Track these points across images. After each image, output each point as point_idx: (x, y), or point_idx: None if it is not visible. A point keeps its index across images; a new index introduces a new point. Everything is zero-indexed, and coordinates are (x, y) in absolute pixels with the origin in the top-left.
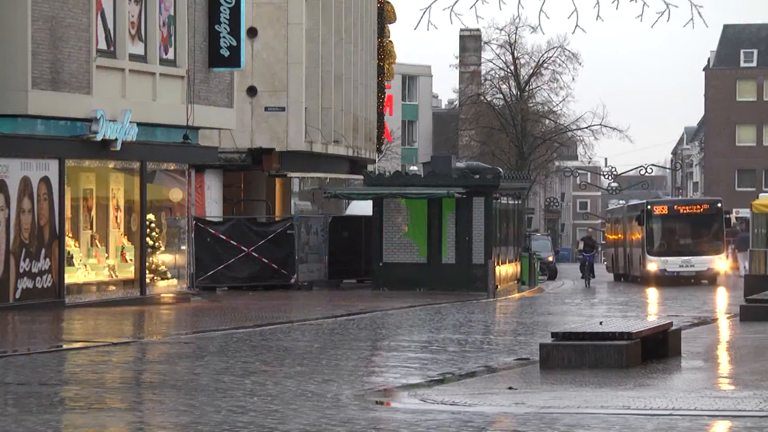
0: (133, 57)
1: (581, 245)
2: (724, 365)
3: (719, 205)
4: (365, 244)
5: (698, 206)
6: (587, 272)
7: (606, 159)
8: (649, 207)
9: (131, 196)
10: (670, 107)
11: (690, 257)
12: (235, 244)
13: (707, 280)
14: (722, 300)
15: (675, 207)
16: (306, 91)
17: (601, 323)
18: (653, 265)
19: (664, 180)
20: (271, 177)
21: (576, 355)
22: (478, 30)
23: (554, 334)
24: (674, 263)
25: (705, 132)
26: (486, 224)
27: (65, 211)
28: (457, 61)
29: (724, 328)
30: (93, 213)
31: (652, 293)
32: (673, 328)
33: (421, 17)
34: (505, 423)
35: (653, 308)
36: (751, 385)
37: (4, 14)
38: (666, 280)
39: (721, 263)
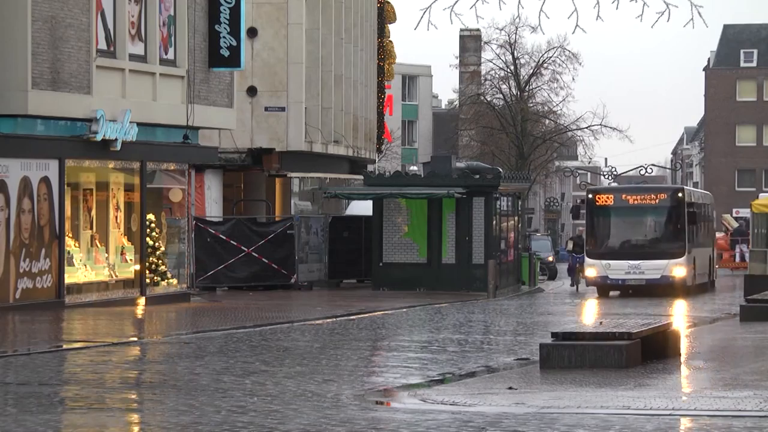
0: (133, 57)
1: (570, 245)
2: (724, 365)
3: (680, 194)
4: (365, 244)
5: (653, 196)
6: (576, 274)
7: (606, 159)
8: (590, 196)
9: (131, 196)
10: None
11: (639, 261)
12: (235, 244)
13: (661, 292)
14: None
15: (623, 196)
16: (306, 91)
17: (601, 323)
18: (592, 270)
19: (664, 180)
20: (271, 177)
21: (576, 355)
22: (478, 30)
23: (554, 334)
24: (619, 269)
25: (705, 132)
26: (486, 224)
27: (65, 211)
28: (457, 61)
29: (724, 328)
30: (93, 213)
31: (557, 311)
32: (673, 328)
33: (421, 17)
34: (505, 423)
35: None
36: (751, 385)
37: (4, 14)
38: (607, 291)
39: (679, 270)
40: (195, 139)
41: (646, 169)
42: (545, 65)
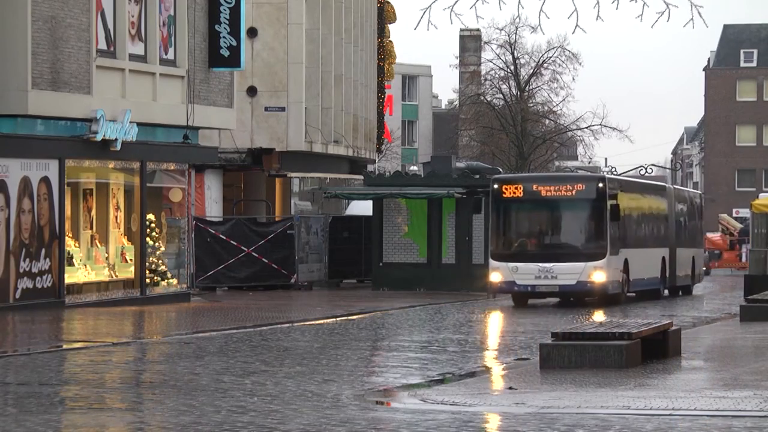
0: (133, 57)
1: None
2: (724, 365)
3: (601, 185)
4: (365, 244)
5: (569, 186)
6: None
7: (606, 159)
8: (495, 186)
9: (131, 196)
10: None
11: (552, 264)
12: (235, 244)
13: (574, 299)
14: None
15: (534, 186)
16: (306, 91)
17: (601, 323)
18: (497, 274)
19: (664, 180)
20: (271, 177)
21: (576, 355)
22: (478, 30)
23: (554, 334)
24: (527, 273)
25: (705, 132)
26: (486, 224)
27: (65, 211)
28: (457, 61)
29: (724, 328)
30: (93, 213)
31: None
32: (673, 328)
33: (421, 17)
34: (505, 423)
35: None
36: (751, 385)
37: (4, 14)
38: (524, 299)
39: (598, 275)
40: (195, 139)
41: (646, 169)
42: (545, 65)
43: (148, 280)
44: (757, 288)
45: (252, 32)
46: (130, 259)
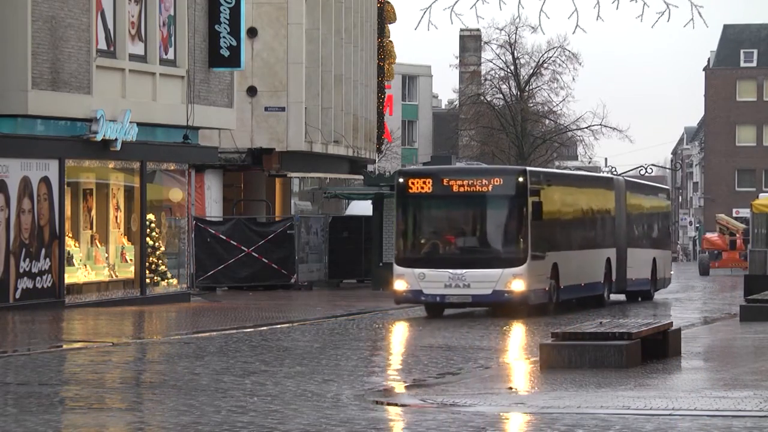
0: (133, 57)
1: None
2: (724, 365)
3: (521, 178)
4: (365, 244)
5: (484, 180)
6: None
7: (606, 159)
8: (401, 180)
9: (131, 196)
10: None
11: (464, 270)
12: (235, 244)
13: (492, 311)
14: None
15: (444, 181)
16: (306, 91)
17: (601, 323)
18: (401, 282)
19: (664, 180)
20: (271, 177)
21: (576, 355)
22: (478, 30)
23: (554, 334)
24: (436, 281)
25: (705, 132)
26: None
27: (65, 211)
28: (457, 61)
29: (724, 328)
30: (93, 213)
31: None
32: (673, 328)
33: (421, 17)
34: (506, 423)
35: None
36: (751, 385)
37: (4, 14)
38: (430, 309)
39: (517, 283)
40: (195, 139)
41: (646, 169)
42: (545, 65)
43: (148, 280)
44: (757, 288)
45: (252, 32)
46: (130, 259)
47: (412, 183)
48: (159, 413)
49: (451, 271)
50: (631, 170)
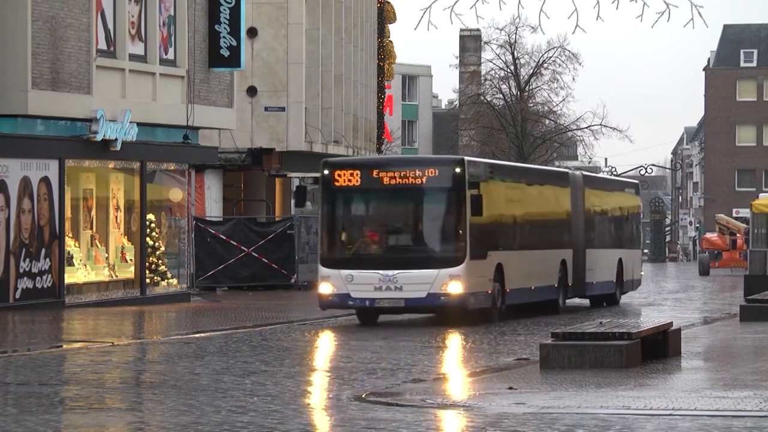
0: (133, 57)
1: None
2: (724, 365)
3: (458, 169)
4: None
5: (418, 172)
6: None
7: (606, 159)
8: (326, 172)
9: (131, 196)
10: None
11: (396, 272)
12: (235, 244)
13: (431, 315)
14: None
15: (374, 173)
16: (306, 91)
17: (601, 323)
18: (327, 285)
19: (664, 180)
20: (271, 177)
21: (576, 355)
22: (478, 30)
23: (554, 334)
24: (365, 283)
25: (705, 132)
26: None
27: (65, 211)
28: (457, 61)
29: (724, 328)
30: (93, 213)
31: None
32: (673, 328)
33: (421, 17)
34: (505, 423)
35: None
36: (751, 385)
37: (4, 14)
38: (363, 315)
39: (455, 285)
40: (195, 139)
41: (646, 169)
42: (545, 65)
43: (148, 280)
44: (757, 288)
45: (252, 32)
46: (130, 259)
47: (339, 175)
48: (159, 413)
49: (381, 272)
50: (631, 170)
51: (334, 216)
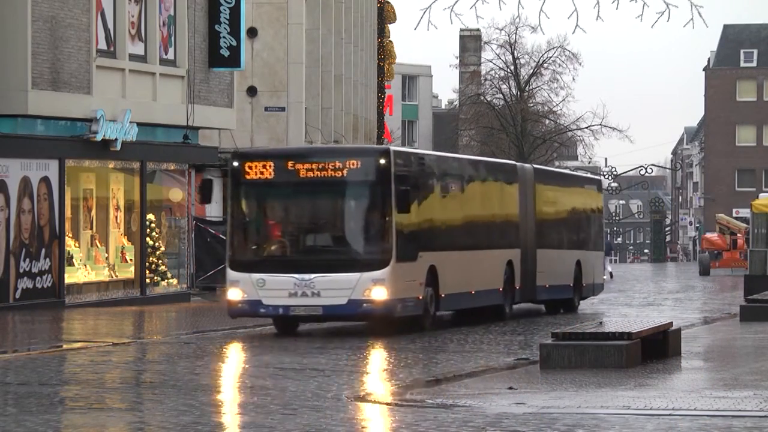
0: (133, 57)
1: None
2: (724, 365)
3: (383, 161)
4: None
5: (338, 164)
6: None
7: (606, 159)
8: (235, 164)
9: (131, 196)
10: (670, 107)
11: (313, 276)
12: None
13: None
14: None
15: (289, 164)
16: (306, 91)
17: (601, 323)
18: (236, 291)
19: (664, 180)
20: None
21: (576, 355)
22: (478, 30)
23: (554, 334)
24: (278, 288)
25: (705, 132)
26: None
27: (65, 211)
28: (457, 61)
29: (724, 328)
30: (93, 213)
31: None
32: (673, 328)
33: (421, 17)
34: (505, 423)
35: None
36: (751, 385)
37: (4, 14)
38: (280, 325)
39: (379, 291)
40: (195, 139)
41: (646, 169)
42: (545, 65)
43: (148, 280)
44: (757, 288)
45: (252, 32)
46: (130, 259)
47: (249, 167)
48: (159, 413)
49: (297, 276)
50: (631, 170)
51: (244, 213)
